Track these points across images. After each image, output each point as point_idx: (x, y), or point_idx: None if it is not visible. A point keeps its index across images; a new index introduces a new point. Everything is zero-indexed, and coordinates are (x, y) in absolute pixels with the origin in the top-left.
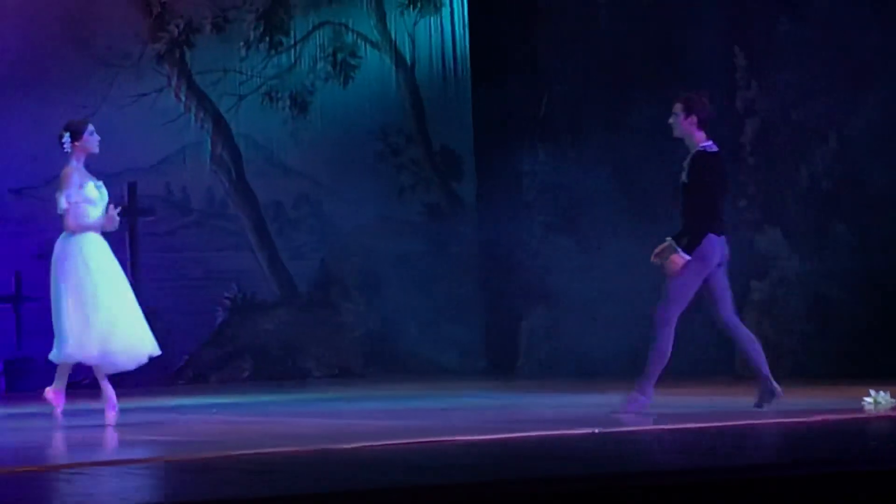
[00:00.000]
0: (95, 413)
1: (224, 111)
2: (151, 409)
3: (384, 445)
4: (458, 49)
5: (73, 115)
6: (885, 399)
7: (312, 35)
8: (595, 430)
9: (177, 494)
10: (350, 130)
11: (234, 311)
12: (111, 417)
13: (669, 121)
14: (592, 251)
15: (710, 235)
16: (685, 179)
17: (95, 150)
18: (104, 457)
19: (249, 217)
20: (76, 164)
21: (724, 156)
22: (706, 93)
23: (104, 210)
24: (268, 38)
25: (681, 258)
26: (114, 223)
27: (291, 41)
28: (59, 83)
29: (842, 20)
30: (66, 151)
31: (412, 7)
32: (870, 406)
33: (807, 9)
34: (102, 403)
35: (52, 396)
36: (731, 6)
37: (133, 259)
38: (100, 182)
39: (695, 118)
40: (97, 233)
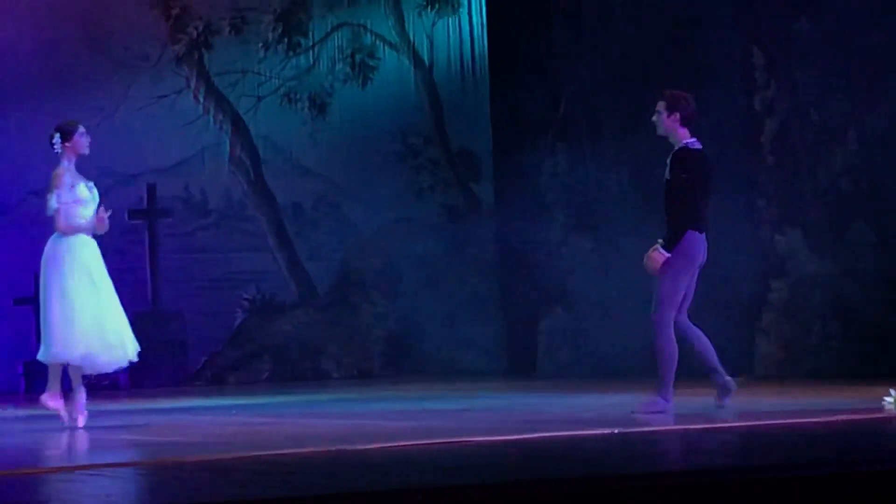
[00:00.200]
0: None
1: (243, 112)
2: (170, 411)
3: (403, 446)
4: (477, 50)
5: (93, 117)
6: None
7: (331, 36)
8: (615, 431)
9: (196, 496)
10: (368, 132)
11: (253, 313)
12: (81, 420)
13: (653, 118)
14: (611, 251)
15: (693, 233)
16: (667, 176)
17: (86, 152)
18: (122, 458)
19: (268, 218)
20: (67, 165)
21: (707, 154)
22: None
23: (95, 212)
24: (286, 40)
25: (660, 255)
26: (104, 225)
27: (310, 42)
28: (78, 85)
29: (860, 19)
30: (57, 152)
31: (430, 8)
32: (890, 405)
33: (825, 8)
34: (71, 406)
35: (51, 402)
36: (749, 5)
37: (152, 260)
38: (91, 183)
39: (678, 115)
40: (88, 235)
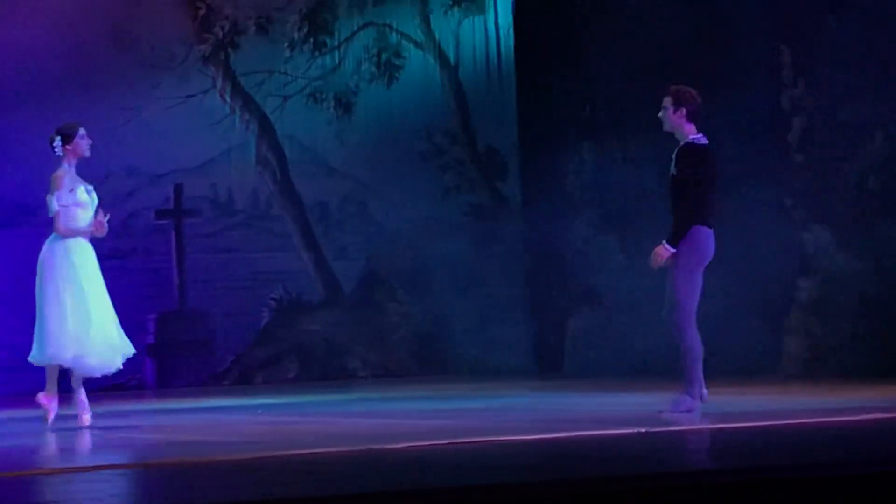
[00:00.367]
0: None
1: (269, 112)
2: (197, 410)
3: (430, 445)
4: (503, 48)
5: (119, 117)
6: None
7: (356, 36)
8: (642, 430)
9: (224, 495)
10: (394, 131)
11: (280, 312)
12: (86, 419)
13: (659, 115)
14: (638, 250)
15: (702, 228)
16: (673, 171)
17: (87, 154)
18: (150, 458)
19: (294, 218)
20: (68, 168)
21: (713, 149)
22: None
23: (94, 215)
24: (312, 40)
25: (665, 250)
26: (103, 229)
27: (335, 42)
28: (105, 85)
29: (887, 18)
30: (58, 155)
31: (456, 7)
32: None
33: (853, 7)
34: (75, 407)
35: (45, 400)
36: (778, 4)
37: (179, 260)
38: (90, 186)
39: (684, 111)
40: (86, 238)
